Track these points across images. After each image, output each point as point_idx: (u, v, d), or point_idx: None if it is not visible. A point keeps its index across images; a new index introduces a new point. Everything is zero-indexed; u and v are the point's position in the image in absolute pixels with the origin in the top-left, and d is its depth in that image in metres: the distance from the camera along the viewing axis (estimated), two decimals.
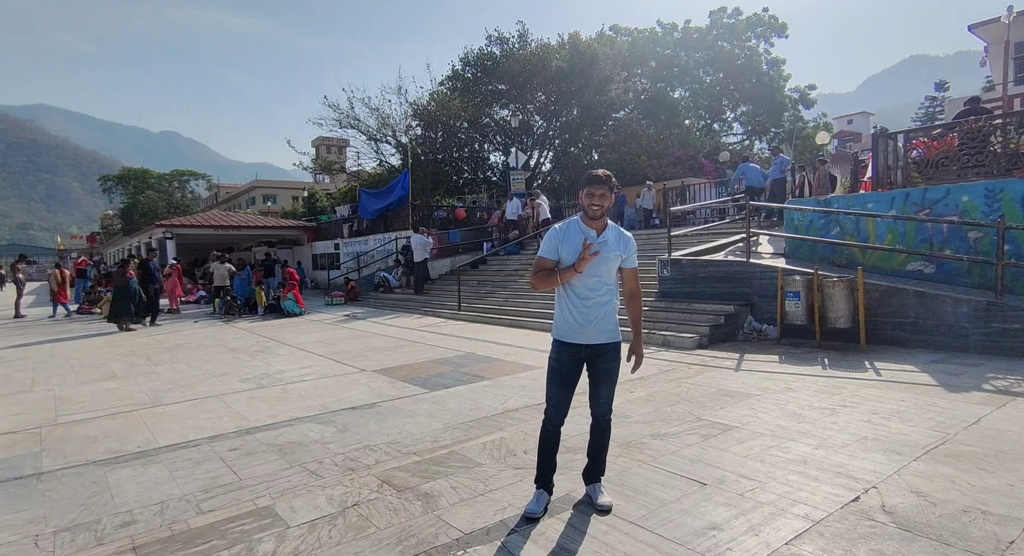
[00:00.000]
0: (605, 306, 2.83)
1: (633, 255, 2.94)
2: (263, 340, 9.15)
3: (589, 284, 2.80)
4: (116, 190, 57.10)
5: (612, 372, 2.87)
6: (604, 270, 2.82)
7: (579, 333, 2.80)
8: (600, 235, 2.83)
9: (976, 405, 4.37)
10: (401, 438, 3.99)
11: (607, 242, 2.83)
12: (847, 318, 6.83)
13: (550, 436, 2.90)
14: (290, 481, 3.16)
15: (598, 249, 2.78)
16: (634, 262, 2.95)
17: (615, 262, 2.86)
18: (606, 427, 2.97)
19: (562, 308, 2.87)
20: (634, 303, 3.01)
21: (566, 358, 2.83)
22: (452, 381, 5.82)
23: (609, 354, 2.85)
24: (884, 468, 3.23)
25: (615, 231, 2.91)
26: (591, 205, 2.77)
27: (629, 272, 2.94)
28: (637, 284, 3.00)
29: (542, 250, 2.88)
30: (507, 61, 25.84)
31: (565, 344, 2.84)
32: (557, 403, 2.85)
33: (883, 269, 8.02)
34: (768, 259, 8.81)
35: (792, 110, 36.26)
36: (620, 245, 2.87)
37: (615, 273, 2.90)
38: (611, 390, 2.91)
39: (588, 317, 2.80)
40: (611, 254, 2.82)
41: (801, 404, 4.59)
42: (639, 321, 3.04)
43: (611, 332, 2.85)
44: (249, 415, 4.62)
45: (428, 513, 2.76)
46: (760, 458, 3.45)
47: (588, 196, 2.78)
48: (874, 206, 8.22)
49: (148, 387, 5.83)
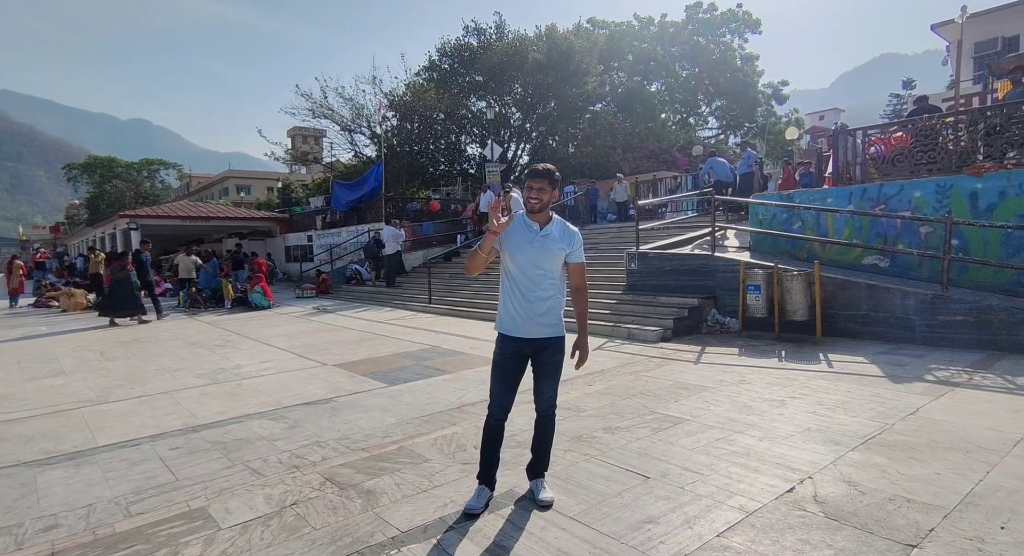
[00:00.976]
0: (549, 300, 2.80)
1: (579, 249, 2.89)
2: (225, 334, 8.97)
3: (533, 277, 2.77)
4: (81, 179, 55.21)
5: (556, 367, 2.86)
6: (548, 264, 2.78)
7: (522, 327, 2.78)
8: (544, 228, 2.80)
9: (916, 395, 4.50)
10: (352, 434, 3.95)
11: (551, 235, 2.80)
12: (804, 311, 6.98)
13: (493, 431, 2.88)
14: (229, 481, 3.10)
15: (540, 243, 2.75)
16: (580, 257, 2.91)
17: (559, 256, 2.82)
18: (550, 422, 2.97)
19: (506, 302, 2.84)
20: (580, 298, 2.96)
21: (509, 352, 2.81)
22: (413, 375, 5.79)
23: (552, 348, 2.83)
24: (822, 458, 3.32)
25: (560, 225, 2.87)
26: (529, 199, 2.75)
27: (574, 267, 2.89)
28: (583, 279, 2.96)
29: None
30: (484, 53, 25.63)
31: (508, 338, 2.82)
32: (500, 398, 2.83)
33: (841, 263, 8.20)
34: (733, 253, 8.94)
35: (765, 105, 36.76)
36: (564, 239, 2.83)
37: (560, 267, 2.86)
38: (554, 385, 2.90)
39: (531, 311, 2.77)
40: (555, 247, 2.78)
41: (753, 396, 4.67)
42: (585, 316, 3.00)
43: (555, 327, 2.82)
44: (198, 412, 4.53)
45: (367, 511, 2.74)
46: (706, 451, 3.51)
47: (527, 189, 2.75)
48: (833, 201, 8.40)
49: (96, 384, 5.67)
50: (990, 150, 7.48)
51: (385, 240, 13.70)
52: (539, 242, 2.76)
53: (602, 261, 11.07)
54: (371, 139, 23.98)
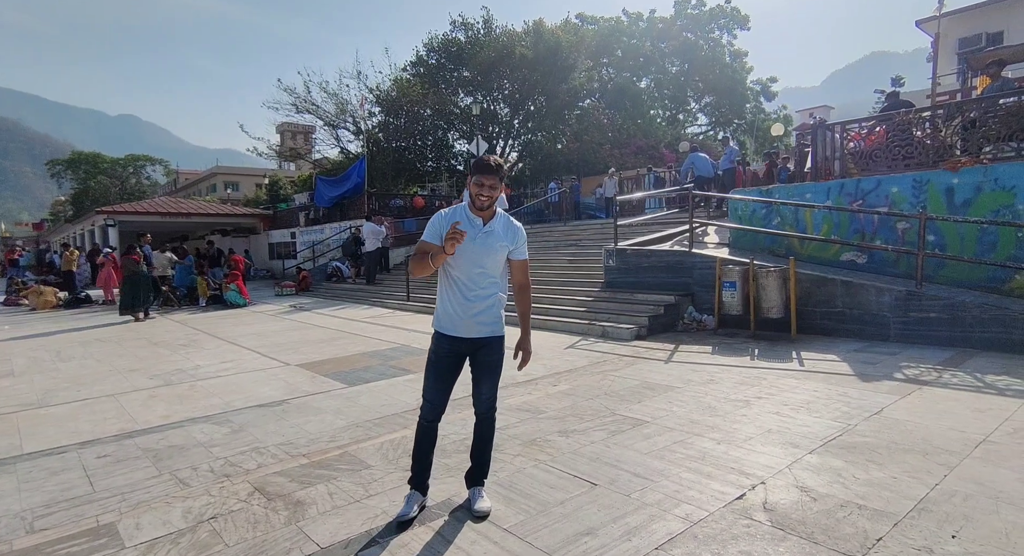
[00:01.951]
0: (488, 299, 2.68)
1: (522, 246, 2.78)
2: (193, 333, 8.76)
3: (472, 275, 2.64)
4: (66, 175, 54.39)
5: (494, 366, 2.74)
6: (489, 261, 2.66)
7: (460, 326, 2.67)
8: (487, 224, 2.68)
9: (883, 395, 4.39)
10: (296, 439, 3.78)
11: (494, 232, 2.68)
12: (780, 308, 6.87)
13: (426, 433, 2.77)
14: (150, 492, 2.93)
15: (483, 239, 2.63)
16: (523, 254, 2.79)
17: (501, 253, 2.70)
18: (490, 425, 2.83)
19: (443, 299, 2.72)
20: (523, 297, 2.84)
21: (445, 351, 2.69)
22: (375, 375, 5.63)
23: (491, 347, 2.72)
24: (778, 462, 3.19)
25: (503, 220, 2.75)
26: (479, 196, 2.59)
27: (518, 264, 2.78)
28: (526, 277, 2.84)
29: (425, 235, 2.68)
30: (472, 48, 25.39)
31: (445, 337, 2.69)
32: (433, 398, 2.71)
33: (819, 259, 8.11)
34: (711, 249, 8.83)
35: (754, 102, 36.74)
36: (508, 236, 2.71)
37: (502, 265, 2.74)
38: (493, 385, 2.77)
39: (470, 310, 2.65)
40: (497, 244, 2.67)
41: (719, 396, 4.55)
42: (528, 316, 2.87)
43: (494, 326, 2.72)
44: (140, 416, 4.34)
45: (290, 524, 2.58)
46: (661, 455, 3.37)
47: (477, 185, 2.58)
48: (812, 196, 8.30)
49: (42, 386, 5.45)
50: (967, 145, 7.39)
51: (365, 237, 13.49)
52: (481, 239, 2.64)
53: (582, 258, 10.94)
54: (355, 135, 23.69)
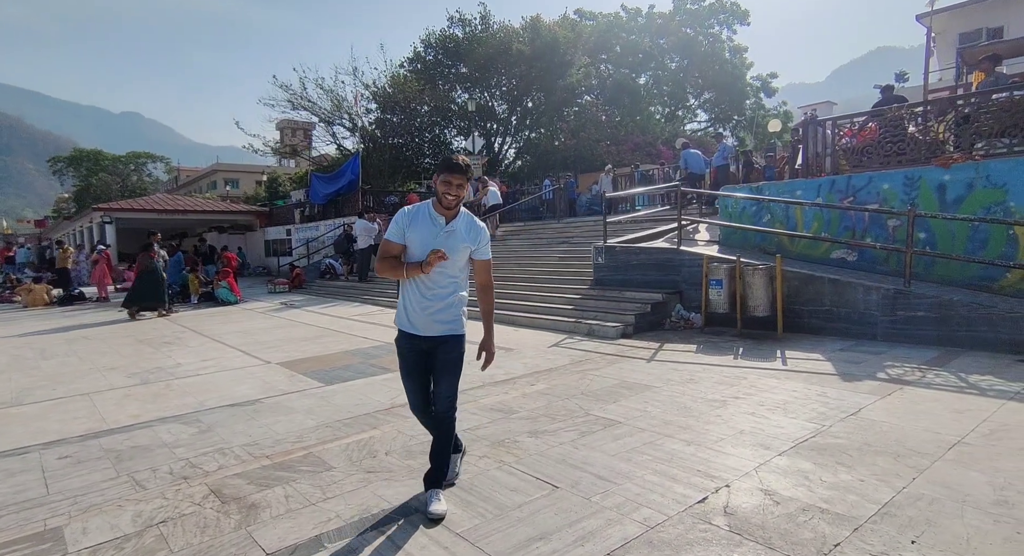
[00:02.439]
0: (447, 298, 2.70)
1: (485, 246, 2.79)
2: (179, 330, 8.73)
3: (432, 274, 2.66)
4: (67, 172, 54.49)
5: (451, 364, 2.72)
6: (451, 260, 2.66)
7: (417, 324, 2.70)
8: (449, 223, 2.69)
9: (863, 395, 4.33)
10: (263, 439, 3.74)
11: (456, 231, 2.70)
12: (766, 306, 6.80)
13: (420, 421, 2.96)
14: (104, 495, 2.89)
15: (445, 238, 2.66)
16: (486, 253, 2.80)
17: (464, 253, 2.72)
18: (448, 425, 2.79)
19: (403, 297, 2.76)
20: (486, 296, 2.84)
21: (406, 350, 2.76)
22: (354, 374, 5.58)
23: (448, 345, 2.72)
24: (745, 464, 3.13)
25: (466, 220, 2.76)
26: (446, 194, 2.60)
27: (480, 264, 2.80)
28: (489, 276, 2.85)
29: (388, 233, 2.73)
30: (469, 44, 25.27)
31: (404, 334, 2.76)
32: (410, 396, 2.85)
33: (810, 257, 8.04)
34: (700, 247, 8.76)
35: (754, 98, 36.52)
36: (470, 236, 2.73)
37: (463, 264, 2.76)
38: (451, 384, 2.75)
39: (427, 308, 2.68)
40: (460, 245, 2.68)
41: (696, 397, 4.49)
42: (491, 315, 2.88)
43: (451, 324, 2.72)
44: (110, 416, 4.31)
45: (240, 529, 2.53)
46: (628, 457, 3.32)
47: (444, 184, 2.59)
48: (802, 193, 8.21)
49: (19, 384, 5.43)
50: (959, 141, 7.31)
51: (357, 234, 13.44)
52: (443, 237, 2.66)
53: (573, 255, 10.87)
54: (351, 131, 23.62)
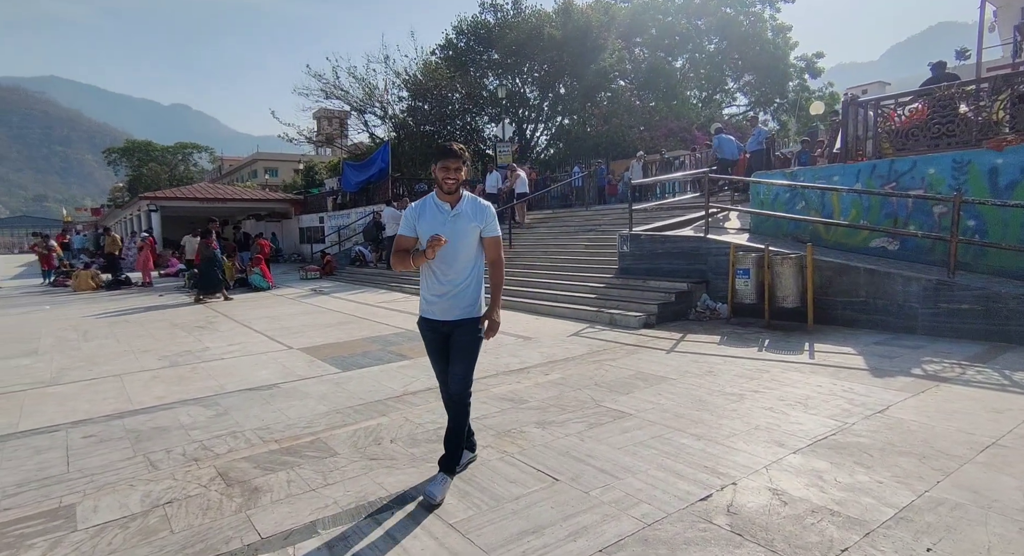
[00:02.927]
0: (464, 280, 2.78)
1: (492, 223, 2.85)
2: (212, 315, 9.03)
3: (447, 259, 2.74)
4: (121, 163, 57.06)
5: (467, 346, 2.79)
6: (462, 244, 2.74)
7: (436, 309, 2.79)
8: (455, 208, 2.77)
9: (893, 392, 4.11)
10: (275, 424, 3.82)
11: (463, 214, 2.77)
12: (795, 297, 6.53)
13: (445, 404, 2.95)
14: (119, 474, 3.00)
15: (453, 223, 2.73)
16: (495, 230, 2.86)
17: (474, 234, 2.79)
18: (463, 408, 2.85)
19: (423, 285, 2.86)
20: (496, 271, 2.95)
21: (428, 335, 2.86)
22: (372, 360, 5.65)
23: (465, 327, 2.79)
24: (756, 462, 3.01)
25: (471, 202, 2.83)
26: (446, 179, 2.70)
27: (489, 240, 2.86)
28: (499, 252, 2.92)
29: (401, 228, 2.84)
30: (500, 30, 25.00)
31: (425, 320, 2.85)
32: (439, 374, 2.92)
33: (846, 246, 7.67)
34: (730, 235, 8.47)
35: (798, 79, 35.01)
36: (477, 216, 2.80)
37: (475, 246, 2.82)
38: (467, 366, 2.82)
39: (445, 294, 2.77)
40: (468, 226, 2.76)
41: (713, 389, 4.35)
42: (499, 288, 2.97)
43: (469, 308, 2.80)
44: (136, 397, 4.48)
45: (240, 513, 2.58)
46: (634, 451, 3.24)
47: (443, 170, 2.69)
48: (840, 179, 7.82)
49: (60, 364, 5.71)
50: (1015, 121, 6.80)
51: (385, 221, 13.58)
52: (451, 223, 2.73)
53: (599, 243, 10.71)
54: (382, 119, 23.80)
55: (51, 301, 11.58)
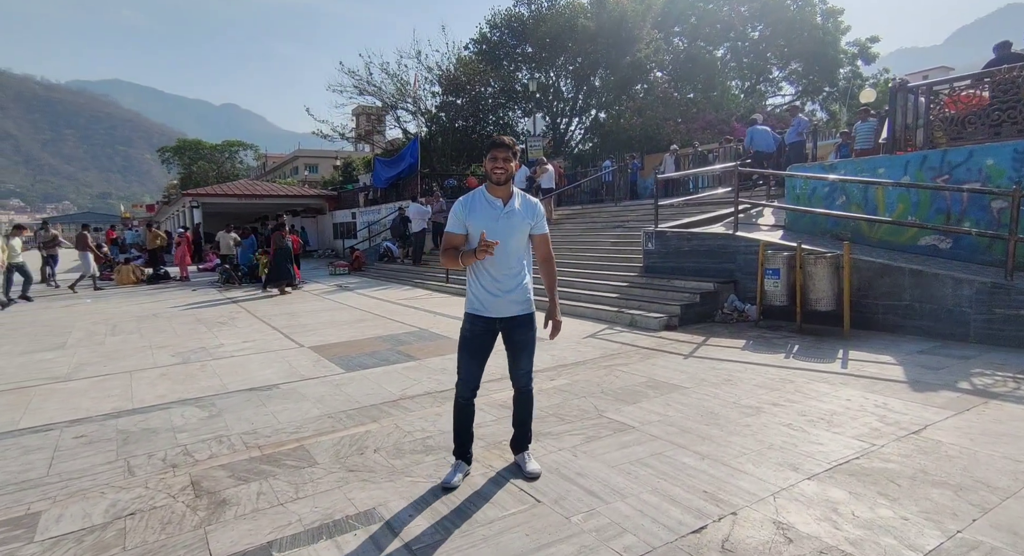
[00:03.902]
0: (517, 277, 2.76)
1: (542, 221, 2.85)
2: (236, 310, 9.17)
3: (500, 256, 2.68)
4: (173, 161, 59.59)
5: (528, 343, 2.85)
6: (514, 240, 2.73)
7: (492, 307, 2.75)
8: (507, 204, 2.74)
9: (934, 409, 3.69)
10: (264, 428, 3.73)
11: (515, 211, 2.74)
12: (830, 299, 6.06)
13: (462, 410, 2.89)
14: (95, 480, 2.94)
15: (506, 220, 2.70)
16: (543, 228, 2.86)
17: (525, 231, 2.78)
18: (529, 397, 2.96)
19: (473, 282, 2.79)
20: (548, 269, 2.93)
21: (480, 330, 2.78)
22: (377, 361, 5.54)
23: (524, 325, 2.80)
24: (763, 488, 2.71)
25: (522, 198, 2.81)
26: (494, 169, 2.68)
27: (539, 238, 2.86)
28: (549, 249, 2.91)
29: (449, 225, 2.78)
30: (534, 23, 24.66)
31: (480, 318, 2.78)
32: (467, 376, 2.82)
33: (892, 244, 7.10)
34: (762, 232, 7.98)
35: (850, 66, 33.21)
36: (528, 213, 2.79)
37: (525, 242, 2.82)
38: (530, 360, 2.89)
39: (501, 289, 2.73)
40: (521, 223, 2.74)
41: (727, 401, 4.03)
42: (554, 287, 2.94)
43: (525, 303, 2.80)
44: (139, 395, 4.49)
45: (199, 528, 2.46)
46: (630, 470, 2.98)
47: (492, 160, 2.68)
48: (885, 171, 7.24)
49: (80, 359, 5.84)
50: None
51: (412, 217, 13.55)
52: (504, 219, 2.71)
53: (626, 240, 10.34)
54: (413, 115, 23.87)
55: (93, 294, 12.05)
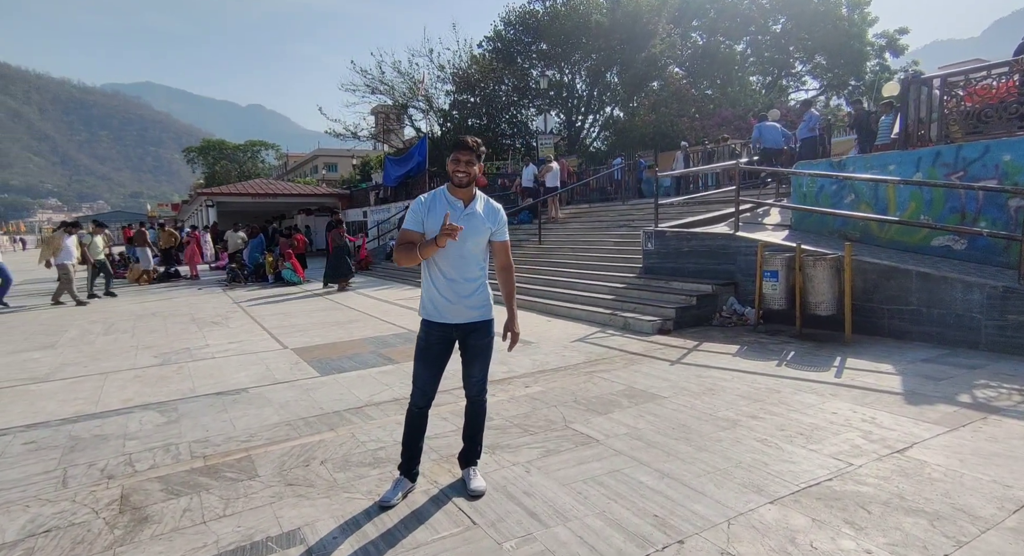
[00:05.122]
0: (475, 282, 2.66)
1: (503, 228, 2.74)
2: (232, 309, 9.18)
3: (456, 259, 2.59)
4: (198, 161, 60.83)
5: (484, 349, 2.74)
6: (472, 244, 2.61)
7: (448, 312, 2.63)
8: (467, 207, 2.63)
9: (926, 424, 3.41)
10: (217, 436, 3.62)
11: (475, 214, 2.63)
12: (831, 303, 5.74)
13: (415, 419, 2.76)
14: (26, 491, 2.86)
15: (465, 222, 2.55)
16: (504, 235, 2.75)
17: (484, 235, 2.66)
18: (481, 407, 2.84)
19: (428, 286, 2.68)
20: (506, 277, 2.80)
21: (435, 338, 2.67)
22: (356, 364, 5.42)
23: (481, 331, 2.70)
24: (720, 513, 2.49)
25: (484, 203, 2.71)
26: (456, 172, 2.56)
27: (499, 245, 2.75)
28: (509, 258, 2.81)
29: (406, 222, 2.66)
30: (549, 19, 24.40)
31: (434, 324, 2.67)
32: (423, 385, 2.70)
33: (904, 244, 6.73)
34: (765, 232, 7.66)
35: (877, 59, 32.13)
36: (490, 217, 2.68)
37: (484, 247, 2.71)
38: (484, 368, 2.78)
39: (457, 295, 2.62)
40: (481, 227, 2.63)
41: (704, 412, 3.80)
42: (512, 296, 2.82)
43: (482, 309, 2.69)
44: (105, 399, 4.44)
45: (109, 550, 2.34)
46: (580, 489, 2.78)
47: (454, 162, 2.56)
48: (896, 168, 6.86)
49: (64, 359, 5.85)
50: None
51: None
52: (463, 221, 2.56)
53: (629, 240, 10.06)
54: (424, 113, 23.82)
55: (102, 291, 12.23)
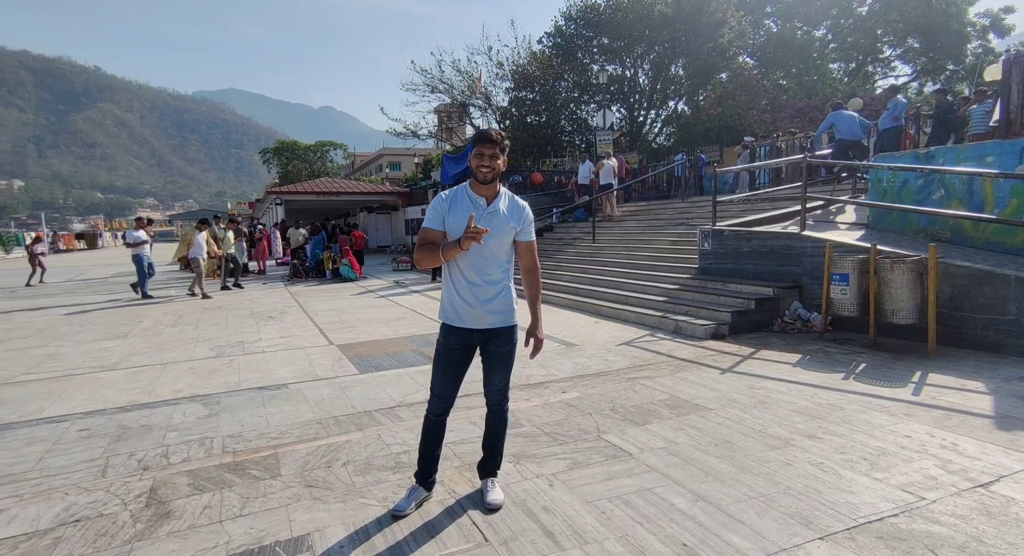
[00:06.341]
0: (497, 285, 2.51)
1: (529, 227, 2.58)
2: (290, 304, 9.52)
3: (479, 261, 2.46)
4: (273, 161, 64.31)
5: (506, 356, 2.59)
6: (495, 244, 2.46)
7: (469, 317, 2.50)
8: (491, 204, 2.48)
9: (1018, 454, 2.94)
10: (250, 431, 3.68)
11: (498, 212, 2.48)
12: (911, 311, 5.16)
13: (431, 427, 2.64)
14: (68, 479, 2.98)
15: (487, 221, 2.42)
16: (530, 235, 2.59)
17: (508, 235, 2.51)
18: (501, 417, 2.69)
19: (449, 289, 2.55)
20: (532, 280, 2.64)
21: (455, 343, 2.54)
22: (396, 362, 5.42)
23: (503, 337, 2.56)
24: (759, 546, 2.21)
25: (508, 199, 2.56)
26: (480, 167, 2.42)
27: (524, 246, 2.58)
28: (534, 259, 2.63)
29: (427, 220, 2.52)
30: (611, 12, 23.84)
31: (453, 329, 2.54)
32: (441, 392, 2.58)
33: (1004, 246, 6.01)
34: (838, 232, 7.04)
35: (979, 40, 29.18)
36: (514, 216, 2.52)
37: (508, 247, 2.55)
38: (506, 376, 2.64)
39: (478, 298, 2.48)
40: (505, 226, 2.48)
41: (753, 428, 3.47)
42: (537, 300, 2.65)
43: (505, 314, 2.54)
44: (158, 389, 4.64)
45: (128, 544, 2.37)
46: (605, 508, 2.58)
47: (477, 156, 2.41)
48: (995, 160, 6.11)
49: (132, 349, 6.22)
50: None
51: None
52: (486, 220, 2.43)
53: (687, 239, 9.60)
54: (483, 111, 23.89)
55: (179, 285, 13.08)
